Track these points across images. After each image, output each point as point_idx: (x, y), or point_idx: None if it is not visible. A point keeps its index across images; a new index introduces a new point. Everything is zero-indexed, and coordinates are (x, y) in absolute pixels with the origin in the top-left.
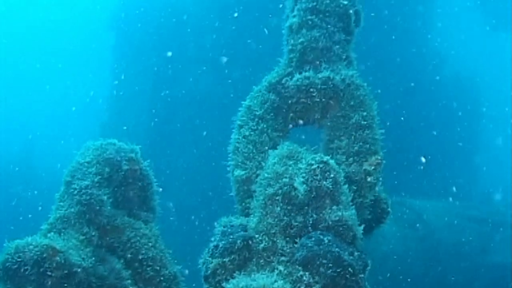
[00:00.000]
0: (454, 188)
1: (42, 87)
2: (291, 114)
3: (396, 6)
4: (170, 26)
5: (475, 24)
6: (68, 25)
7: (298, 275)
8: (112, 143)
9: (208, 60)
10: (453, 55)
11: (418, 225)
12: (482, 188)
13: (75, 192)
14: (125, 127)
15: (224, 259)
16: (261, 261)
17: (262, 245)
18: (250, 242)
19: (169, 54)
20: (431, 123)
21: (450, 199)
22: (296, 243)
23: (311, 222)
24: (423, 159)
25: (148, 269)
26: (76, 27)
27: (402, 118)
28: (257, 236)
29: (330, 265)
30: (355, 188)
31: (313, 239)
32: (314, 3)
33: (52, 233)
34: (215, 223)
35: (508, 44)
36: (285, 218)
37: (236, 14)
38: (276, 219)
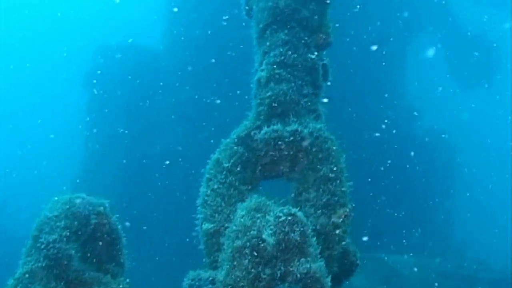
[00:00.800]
0: (429, 243)
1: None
2: (260, 167)
3: (370, 62)
4: (143, 84)
5: (445, 81)
6: (44, 83)
7: None
8: (80, 197)
9: (183, 116)
10: (426, 110)
11: (392, 279)
12: (456, 243)
13: (43, 246)
14: (98, 182)
15: None
16: None
17: None
18: None
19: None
20: (405, 177)
21: (425, 254)
22: None
23: (279, 274)
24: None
25: None
26: (52, 84)
27: (376, 171)
28: None
29: None
30: (323, 240)
31: None
32: (282, 57)
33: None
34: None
35: (477, 101)
36: (253, 270)
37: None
38: (244, 272)
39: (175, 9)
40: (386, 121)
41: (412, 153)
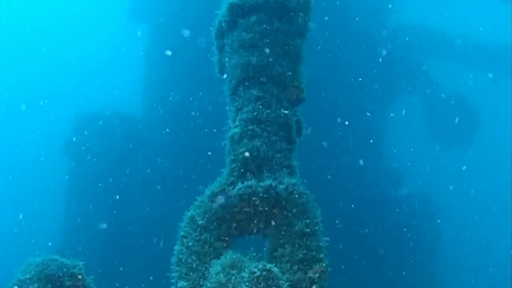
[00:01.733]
0: None
1: None
2: (235, 224)
3: (351, 123)
4: (123, 151)
5: (426, 142)
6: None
7: None
8: (54, 259)
9: (164, 183)
10: (408, 171)
11: None
12: None
13: None
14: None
15: None
16: None
17: None
18: None
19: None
20: (387, 241)
21: None
22: None
23: None
24: None
25: None
26: (31, 152)
27: (356, 233)
28: None
29: None
30: None
31: None
32: (255, 113)
33: None
34: None
35: (461, 163)
36: None
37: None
38: None
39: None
40: (365, 184)
41: (393, 217)
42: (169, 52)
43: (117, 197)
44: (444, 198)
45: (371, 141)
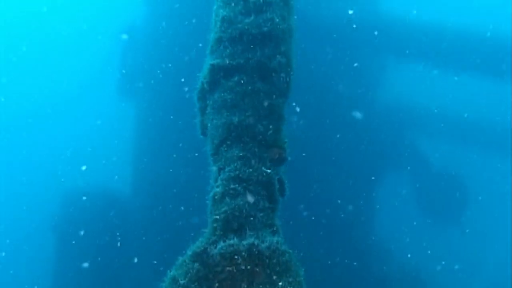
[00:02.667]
0: None
1: None
2: (217, 284)
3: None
4: (111, 226)
5: (415, 218)
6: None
7: None
8: None
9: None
10: (397, 247)
11: None
12: None
13: None
14: None
15: None
16: None
17: None
18: None
19: None
20: None
21: None
22: None
23: None
24: None
25: None
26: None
27: None
28: None
29: None
30: None
31: None
32: (237, 172)
33: None
34: None
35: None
36: None
37: None
38: None
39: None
40: (355, 263)
41: None
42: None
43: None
44: (435, 275)
45: (361, 218)
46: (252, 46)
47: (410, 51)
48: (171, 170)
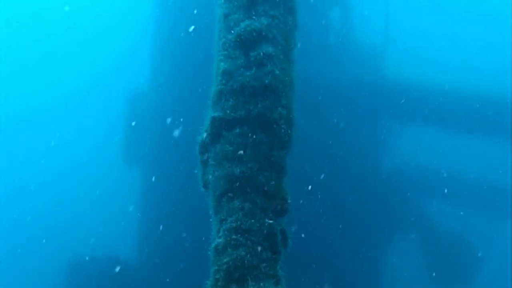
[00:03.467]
0: None
1: None
2: None
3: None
4: None
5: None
6: None
7: None
8: None
9: None
10: None
11: None
12: None
13: None
14: None
15: None
16: None
17: None
18: None
19: None
20: None
21: None
22: None
23: None
24: None
25: None
26: None
27: None
28: None
29: None
30: None
31: None
32: (239, 223)
33: None
34: None
35: None
36: None
37: None
38: None
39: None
40: None
41: None
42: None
43: None
44: None
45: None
46: (253, 98)
47: (415, 113)
48: (176, 235)
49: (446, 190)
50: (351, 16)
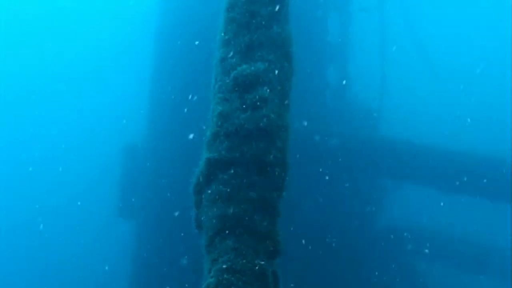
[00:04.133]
0: None
1: None
2: None
3: None
4: None
5: None
6: None
7: None
8: None
9: None
10: None
11: None
12: None
13: None
14: None
15: None
16: None
17: None
18: None
19: None
20: None
21: None
22: None
23: None
24: None
25: None
26: None
27: None
28: None
29: None
30: None
31: None
32: (230, 263)
33: None
34: None
35: None
36: None
37: None
38: None
39: None
40: None
41: None
42: None
43: None
44: None
45: None
46: (248, 140)
47: (412, 173)
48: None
49: (438, 250)
50: (348, 72)
